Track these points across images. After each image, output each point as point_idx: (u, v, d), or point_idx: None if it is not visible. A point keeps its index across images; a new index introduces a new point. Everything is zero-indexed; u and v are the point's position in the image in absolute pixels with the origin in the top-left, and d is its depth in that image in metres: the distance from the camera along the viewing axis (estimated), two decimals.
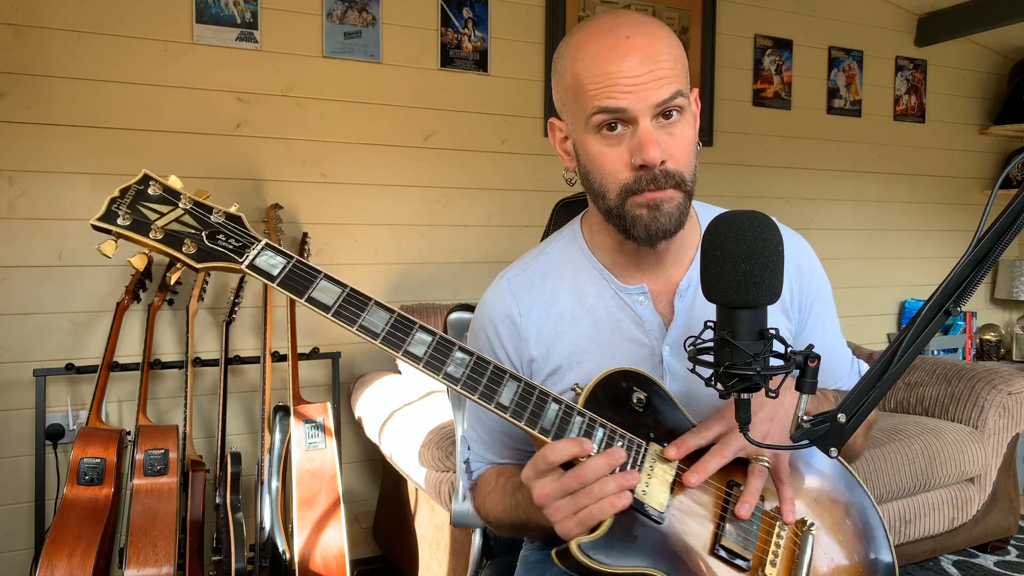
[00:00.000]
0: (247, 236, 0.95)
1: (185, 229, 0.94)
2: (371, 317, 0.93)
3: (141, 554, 1.85)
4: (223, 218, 0.95)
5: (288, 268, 0.94)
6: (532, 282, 1.14)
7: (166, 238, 0.93)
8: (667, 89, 0.97)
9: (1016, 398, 2.63)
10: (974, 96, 4.01)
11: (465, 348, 0.94)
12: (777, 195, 3.49)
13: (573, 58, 1.01)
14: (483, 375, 0.94)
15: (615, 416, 0.98)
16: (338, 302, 0.94)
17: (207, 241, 0.94)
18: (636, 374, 1.01)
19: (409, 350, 0.93)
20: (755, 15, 3.41)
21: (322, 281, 0.95)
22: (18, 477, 2.30)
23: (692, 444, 0.97)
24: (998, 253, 0.78)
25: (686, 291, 1.09)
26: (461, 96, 2.84)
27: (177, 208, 0.94)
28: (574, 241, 1.16)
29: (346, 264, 2.69)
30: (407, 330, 0.93)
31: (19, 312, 2.29)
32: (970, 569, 2.71)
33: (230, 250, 0.94)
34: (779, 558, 0.98)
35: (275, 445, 2.19)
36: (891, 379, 0.82)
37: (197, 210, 0.95)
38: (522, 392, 0.94)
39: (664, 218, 1.00)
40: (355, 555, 2.55)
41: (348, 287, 0.95)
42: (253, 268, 0.93)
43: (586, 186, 1.07)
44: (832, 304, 1.19)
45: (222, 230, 0.95)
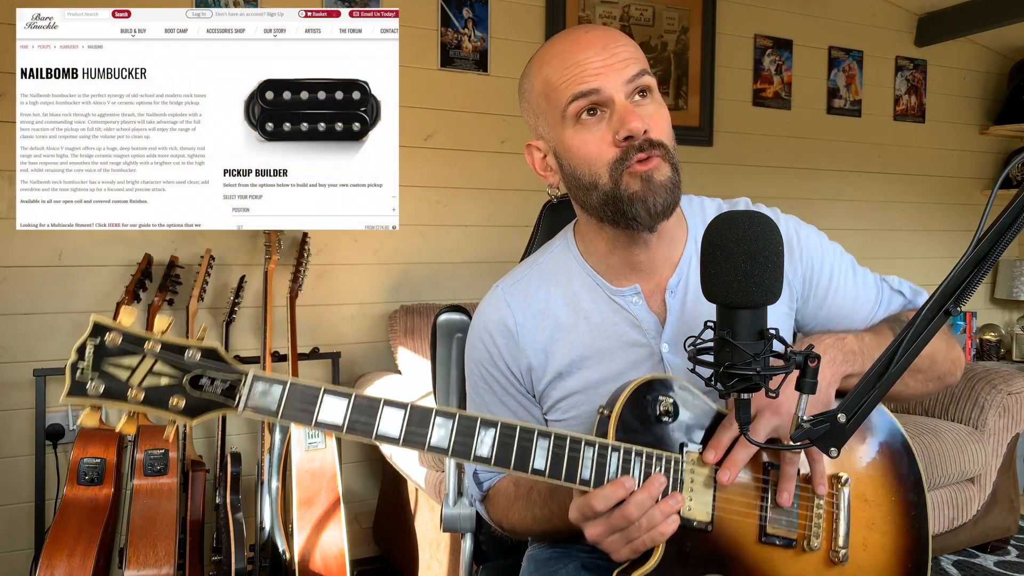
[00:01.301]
0: (230, 371, 0.87)
1: (164, 383, 0.86)
2: (385, 421, 0.88)
3: (141, 554, 1.85)
4: (199, 356, 0.87)
5: (286, 395, 0.87)
6: (527, 291, 1.15)
7: (148, 399, 0.86)
8: (633, 68, 1.01)
9: (1016, 398, 2.63)
10: (974, 96, 4.01)
11: (486, 420, 0.91)
12: (777, 195, 3.49)
13: (539, 66, 1.07)
14: (512, 444, 0.91)
15: (647, 436, 0.97)
16: (348, 416, 0.88)
17: (192, 390, 0.86)
18: (655, 381, 1.00)
19: (433, 444, 0.89)
20: (755, 15, 3.41)
21: (325, 397, 0.88)
22: (18, 477, 2.30)
23: (726, 441, 0.97)
24: (998, 253, 0.78)
25: (676, 287, 1.10)
26: (461, 96, 2.84)
27: (146, 357, 0.86)
28: (566, 248, 1.16)
29: (346, 264, 2.69)
30: (425, 422, 0.89)
31: (19, 312, 2.29)
32: (970, 569, 2.71)
33: (219, 395, 0.86)
34: (821, 528, 1.00)
35: (275, 445, 2.20)
36: (891, 379, 0.82)
37: (168, 354, 0.86)
38: (554, 448, 0.92)
39: (659, 190, 1.01)
40: (355, 555, 2.55)
41: (352, 395, 0.89)
42: (252, 409, 0.87)
43: (574, 187, 1.07)
44: (836, 259, 1.16)
45: (203, 372, 0.87)
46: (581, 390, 1.10)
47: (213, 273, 2.45)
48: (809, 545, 1.00)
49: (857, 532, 1.02)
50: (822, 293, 1.15)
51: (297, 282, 2.45)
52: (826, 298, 1.15)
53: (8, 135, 2.25)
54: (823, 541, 1.01)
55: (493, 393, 1.16)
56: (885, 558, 1.03)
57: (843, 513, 1.01)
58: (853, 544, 1.01)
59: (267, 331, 2.32)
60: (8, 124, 2.25)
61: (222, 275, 2.50)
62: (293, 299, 2.43)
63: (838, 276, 1.16)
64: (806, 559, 1.00)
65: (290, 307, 2.41)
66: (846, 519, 1.01)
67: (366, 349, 2.73)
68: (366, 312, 2.74)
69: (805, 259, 1.14)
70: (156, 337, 0.86)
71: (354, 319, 2.72)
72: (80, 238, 2.33)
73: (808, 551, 1.00)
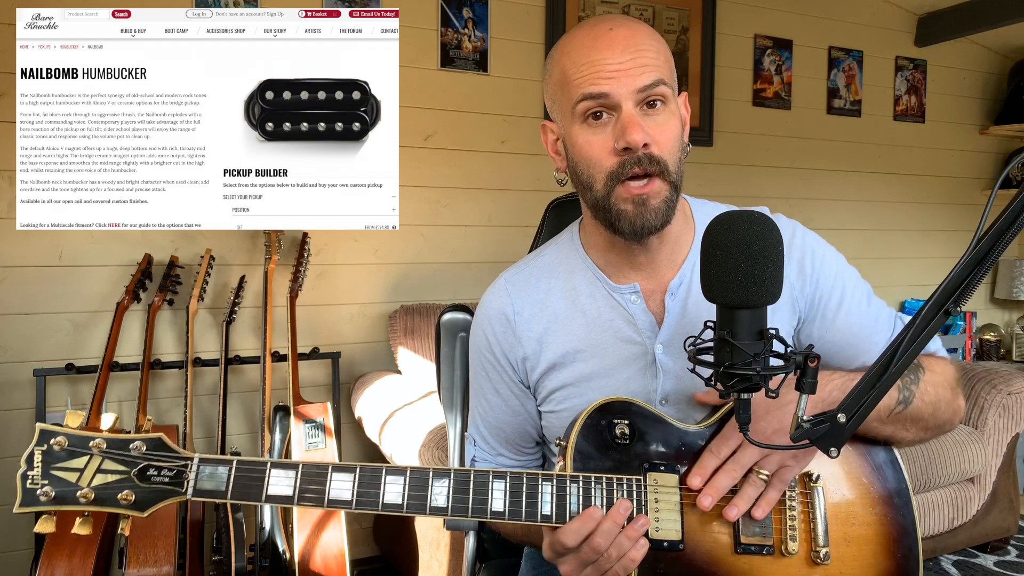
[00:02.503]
0: (175, 458, 0.88)
1: (113, 479, 0.87)
2: (335, 486, 0.89)
3: (141, 554, 1.85)
4: (143, 446, 0.88)
5: (234, 475, 0.89)
6: (528, 281, 1.15)
7: (99, 499, 0.87)
8: (649, 76, 0.99)
9: (1016, 398, 2.63)
10: (974, 96, 4.01)
11: (439, 471, 0.93)
12: (777, 195, 3.49)
13: (560, 55, 1.05)
14: (468, 492, 0.92)
15: (605, 462, 0.97)
16: (297, 486, 0.89)
17: (140, 483, 0.87)
18: (608, 405, 1.00)
19: (387, 502, 0.90)
20: (755, 15, 3.41)
21: (272, 472, 0.89)
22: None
23: (711, 467, 0.98)
24: (998, 253, 0.78)
25: (678, 289, 1.09)
26: (461, 96, 2.84)
27: (93, 457, 0.87)
28: (571, 242, 1.17)
29: (346, 264, 2.69)
30: (376, 482, 0.91)
31: (19, 312, 2.29)
32: (970, 569, 2.71)
33: (167, 483, 0.88)
34: (797, 530, 1.00)
35: (275, 445, 2.19)
36: (891, 379, 0.82)
37: (114, 451, 0.87)
38: (511, 489, 0.93)
39: (650, 213, 1.00)
40: (355, 555, 2.55)
41: (299, 465, 0.90)
42: (200, 493, 0.88)
43: (576, 182, 1.08)
44: (849, 283, 1.13)
45: (149, 463, 0.88)
46: (573, 383, 1.11)
47: (213, 273, 2.45)
48: (787, 549, 0.98)
49: (837, 528, 1.01)
50: (831, 316, 1.11)
51: (297, 282, 2.45)
52: (835, 322, 1.11)
53: (8, 135, 2.25)
54: (801, 543, 0.99)
55: (490, 380, 1.17)
56: (871, 551, 1.02)
57: (819, 512, 1.00)
58: (834, 541, 1.00)
59: (267, 331, 2.32)
60: (8, 124, 2.25)
61: (222, 275, 2.50)
62: (293, 299, 2.43)
63: (849, 301, 1.11)
64: (787, 563, 0.99)
65: (290, 307, 2.41)
66: (823, 518, 1.00)
67: (366, 349, 2.73)
68: (366, 312, 2.74)
69: (815, 278, 1.11)
70: (101, 435, 0.88)
71: (354, 319, 2.72)
72: (80, 238, 2.33)
73: (788, 555, 0.98)
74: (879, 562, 1.02)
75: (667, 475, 0.98)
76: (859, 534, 1.02)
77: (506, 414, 1.18)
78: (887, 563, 1.02)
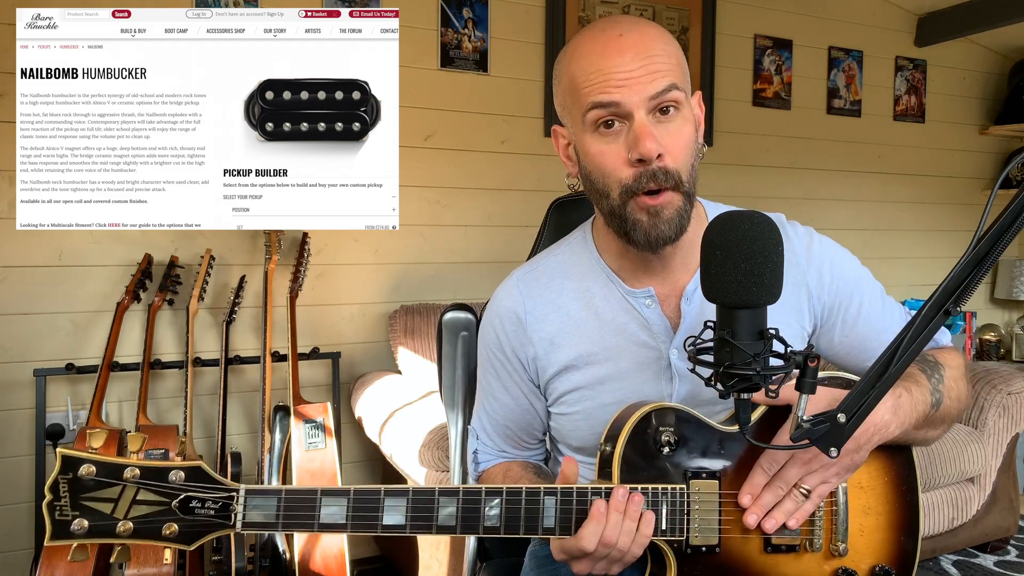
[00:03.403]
0: (220, 489, 0.84)
1: (152, 511, 0.82)
2: (388, 513, 0.88)
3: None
4: (182, 475, 0.83)
5: (283, 505, 0.86)
6: (540, 280, 1.15)
7: (139, 531, 0.81)
8: (661, 82, 0.97)
9: (1016, 398, 2.63)
10: (974, 96, 4.01)
11: (491, 490, 0.92)
12: (777, 195, 3.49)
13: (569, 60, 1.03)
14: (519, 506, 0.92)
15: (651, 471, 0.98)
16: (350, 512, 0.87)
17: (183, 515, 0.82)
18: (655, 413, 0.99)
19: (440, 524, 0.90)
20: (755, 15, 3.41)
21: (323, 499, 0.87)
22: (18, 477, 2.30)
23: (760, 484, 0.99)
24: (998, 253, 0.78)
25: (693, 294, 1.08)
26: (461, 96, 2.84)
27: (127, 488, 0.81)
28: (584, 243, 1.16)
29: (346, 264, 2.69)
30: (429, 504, 0.90)
31: (19, 312, 2.29)
32: (970, 569, 2.71)
33: (214, 516, 0.84)
34: (822, 528, 1.02)
35: (275, 445, 2.19)
36: (891, 379, 0.82)
37: (150, 482, 0.82)
38: (562, 501, 0.93)
39: (664, 224, 1.00)
40: (355, 555, 2.55)
41: (351, 491, 0.88)
42: (250, 526, 0.85)
43: (589, 188, 1.07)
44: (866, 287, 1.16)
45: (192, 495, 0.83)
46: (587, 385, 1.10)
47: (213, 273, 2.45)
48: (812, 545, 1.01)
49: (854, 521, 1.03)
50: (851, 320, 1.13)
51: (297, 282, 2.45)
52: (855, 326, 1.14)
53: (8, 135, 2.25)
54: (823, 540, 1.02)
55: (499, 378, 1.17)
56: (881, 537, 1.05)
57: (841, 508, 1.02)
58: (851, 533, 1.03)
59: (267, 331, 2.32)
60: (8, 124, 2.25)
61: (222, 275, 2.50)
62: (293, 299, 2.43)
63: (868, 305, 1.14)
64: (808, 558, 1.02)
65: (290, 307, 2.41)
66: (844, 514, 1.02)
67: (366, 349, 2.73)
68: (366, 312, 2.74)
69: (835, 286, 1.13)
70: (134, 463, 0.82)
71: (354, 319, 2.72)
72: (80, 238, 2.33)
73: (811, 551, 1.01)
74: (887, 546, 1.06)
75: (709, 482, 0.99)
76: (872, 523, 1.05)
77: (514, 412, 1.18)
78: (893, 546, 1.06)
